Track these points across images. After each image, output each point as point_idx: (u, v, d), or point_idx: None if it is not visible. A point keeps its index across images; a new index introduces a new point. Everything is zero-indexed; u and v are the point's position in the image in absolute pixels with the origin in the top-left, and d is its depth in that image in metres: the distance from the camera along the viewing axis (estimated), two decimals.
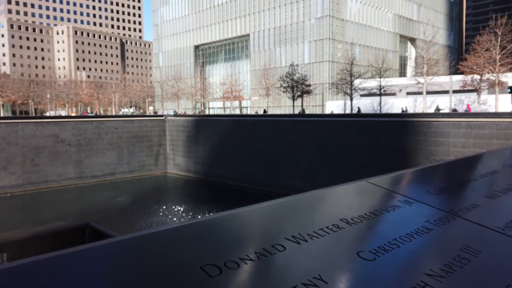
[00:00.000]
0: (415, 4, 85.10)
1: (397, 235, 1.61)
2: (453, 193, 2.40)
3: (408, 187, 2.45)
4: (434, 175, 2.80)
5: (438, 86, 42.37)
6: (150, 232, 1.33)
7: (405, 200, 2.02)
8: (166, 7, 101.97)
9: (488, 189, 2.48)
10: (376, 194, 2.14)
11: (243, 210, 1.63)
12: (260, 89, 68.36)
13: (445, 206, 2.05)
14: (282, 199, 1.90)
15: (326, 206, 1.99)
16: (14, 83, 73.44)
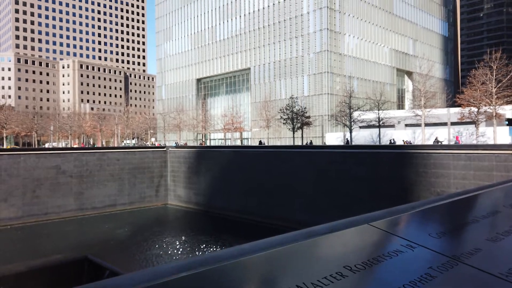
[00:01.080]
0: (410, 40, 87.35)
1: (401, 283, 1.59)
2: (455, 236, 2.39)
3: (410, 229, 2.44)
4: (435, 216, 2.80)
5: (436, 118, 42.75)
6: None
7: (408, 244, 2.01)
8: (169, 42, 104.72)
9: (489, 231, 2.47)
10: (379, 238, 2.13)
11: (243, 259, 1.62)
12: (261, 121, 68.96)
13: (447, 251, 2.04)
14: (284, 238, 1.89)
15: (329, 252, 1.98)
16: (18, 116, 74.33)
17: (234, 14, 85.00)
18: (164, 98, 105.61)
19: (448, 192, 26.44)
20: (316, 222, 9.04)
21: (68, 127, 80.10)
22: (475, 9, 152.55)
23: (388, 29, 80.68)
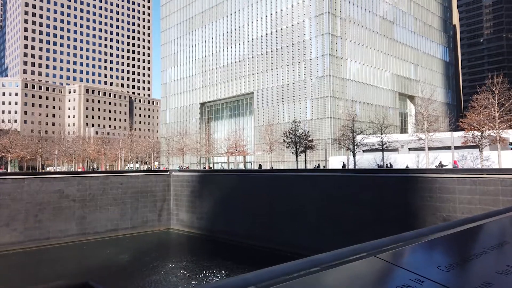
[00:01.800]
0: (412, 64, 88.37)
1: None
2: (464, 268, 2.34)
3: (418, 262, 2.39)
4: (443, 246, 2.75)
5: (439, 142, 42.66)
6: None
7: (416, 278, 1.97)
8: (174, 68, 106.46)
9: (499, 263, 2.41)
10: (386, 272, 2.09)
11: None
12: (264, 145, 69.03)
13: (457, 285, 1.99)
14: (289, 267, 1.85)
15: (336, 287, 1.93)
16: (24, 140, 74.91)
17: (238, 40, 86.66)
18: (168, 122, 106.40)
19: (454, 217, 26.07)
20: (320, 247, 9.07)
21: (72, 151, 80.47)
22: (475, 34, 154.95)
23: (389, 54, 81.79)
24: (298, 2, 73.80)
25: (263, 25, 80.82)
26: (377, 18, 79.43)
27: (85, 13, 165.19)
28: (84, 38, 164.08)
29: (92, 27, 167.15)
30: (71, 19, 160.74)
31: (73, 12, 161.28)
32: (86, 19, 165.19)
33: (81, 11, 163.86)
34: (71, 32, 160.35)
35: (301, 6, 73.29)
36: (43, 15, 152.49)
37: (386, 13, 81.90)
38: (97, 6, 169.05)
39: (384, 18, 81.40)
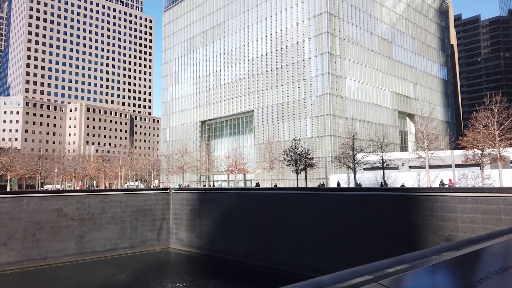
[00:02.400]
0: (410, 83, 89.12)
1: None
2: None
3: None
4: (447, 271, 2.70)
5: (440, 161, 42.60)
6: None
7: None
8: (175, 86, 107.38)
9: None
10: None
11: None
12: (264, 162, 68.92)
13: None
14: None
15: None
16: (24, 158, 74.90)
17: (239, 60, 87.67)
18: (169, 140, 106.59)
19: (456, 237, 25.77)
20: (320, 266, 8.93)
21: (72, 169, 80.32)
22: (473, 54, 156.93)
23: (388, 73, 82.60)
24: (297, 23, 74.99)
25: (263, 45, 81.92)
26: (375, 38, 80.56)
27: (88, 33, 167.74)
28: (86, 57, 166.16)
29: (95, 46, 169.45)
30: (74, 38, 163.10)
31: (75, 32, 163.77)
32: (88, 39, 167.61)
33: (83, 31, 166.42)
34: (74, 51, 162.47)
35: (300, 26, 74.44)
36: (46, 35, 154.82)
37: (384, 33, 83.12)
38: (99, 26, 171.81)
39: (383, 38, 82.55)
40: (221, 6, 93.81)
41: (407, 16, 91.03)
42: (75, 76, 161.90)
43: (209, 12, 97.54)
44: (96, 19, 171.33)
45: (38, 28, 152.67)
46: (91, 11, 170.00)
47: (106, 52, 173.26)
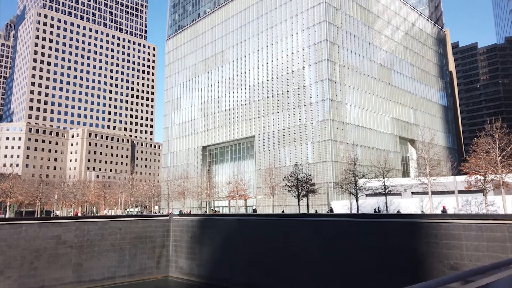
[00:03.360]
0: (411, 109, 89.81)
1: None
2: None
3: None
4: None
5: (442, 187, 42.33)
6: None
7: None
8: (177, 112, 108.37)
9: None
10: None
11: None
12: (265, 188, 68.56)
13: None
14: None
15: None
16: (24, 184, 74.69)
17: (240, 86, 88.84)
18: (170, 166, 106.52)
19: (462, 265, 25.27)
20: None
21: (72, 196, 79.92)
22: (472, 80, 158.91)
23: (388, 99, 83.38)
24: (297, 50, 76.43)
25: (264, 71, 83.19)
26: (375, 65, 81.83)
27: (91, 60, 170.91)
28: (89, 84, 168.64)
29: (98, 73, 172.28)
30: (78, 65, 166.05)
31: (79, 59, 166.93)
32: (92, 66, 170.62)
33: (87, 59, 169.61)
34: (77, 78, 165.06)
35: (300, 54, 75.82)
36: (50, 62, 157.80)
37: (383, 60, 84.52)
38: (103, 54, 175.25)
39: (382, 65, 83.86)
40: (223, 34, 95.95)
41: (405, 43, 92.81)
42: (78, 102, 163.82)
43: (212, 40, 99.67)
44: (100, 47, 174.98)
45: (43, 55, 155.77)
46: (95, 39, 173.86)
47: (109, 79, 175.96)
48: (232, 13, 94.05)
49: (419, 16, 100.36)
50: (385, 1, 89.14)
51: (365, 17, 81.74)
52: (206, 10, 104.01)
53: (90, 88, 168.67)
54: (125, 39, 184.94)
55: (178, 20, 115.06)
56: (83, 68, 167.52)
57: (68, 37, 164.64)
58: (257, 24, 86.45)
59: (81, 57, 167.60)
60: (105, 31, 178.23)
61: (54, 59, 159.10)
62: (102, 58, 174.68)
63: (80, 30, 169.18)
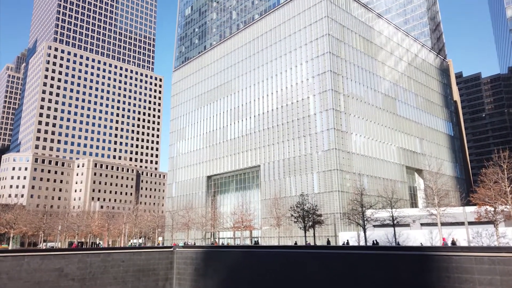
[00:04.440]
0: (416, 138, 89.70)
1: None
2: None
3: None
4: None
5: (452, 218, 41.53)
6: None
7: None
8: (182, 142, 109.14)
9: None
10: None
11: None
12: (271, 219, 67.74)
13: None
14: None
15: None
16: (28, 215, 74.45)
17: (245, 116, 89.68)
18: (174, 196, 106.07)
19: None
20: None
21: (76, 227, 79.35)
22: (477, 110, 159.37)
23: (393, 128, 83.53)
24: (302, 81, 77.53)
25: (269, 101, 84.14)
26: (379, 95, 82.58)
27: (99, 91, 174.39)
28: (96, 114, 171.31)
29: (105, 104, 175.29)
30: (86, 96, 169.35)
31: (88, 90, 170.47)
32: (100, 97, 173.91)
33: (95, 90, 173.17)
34: (85, 109, 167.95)
35: (305, 84, 76.84)
36: (59, 93, 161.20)
37: (387, 90, 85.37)
38: (111, 85, 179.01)
39: (386, 95, 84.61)
40: (229, 65, 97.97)
41: (409, 74, 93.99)
42: (84, 132, 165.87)
43: (217, 71, 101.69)
44: (108, 78, 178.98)
45: (52, 87, 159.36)
46: (103, 71, 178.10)
47: (116, 109, 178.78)
48: (238, 45, 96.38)
49: (421, 47, 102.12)
50: (387, 33, 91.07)
51: (368, 49, 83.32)
52: (212, 43, 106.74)
53: (97, 118, 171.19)
54: (132, 70, 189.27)
55: (185, 52, 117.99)
56: (90, 99, 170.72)
57: (77, 69, 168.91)
58: (262, 56, 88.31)
59: (89, 88, 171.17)
60: (113, 63, 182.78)
61: (63, 90, 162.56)
62: (109, 89, 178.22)
63: (89, 62, 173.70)
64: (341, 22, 77.65)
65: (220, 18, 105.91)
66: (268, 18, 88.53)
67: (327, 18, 74.26)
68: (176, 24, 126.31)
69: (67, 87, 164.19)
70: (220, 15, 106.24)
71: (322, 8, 75.42)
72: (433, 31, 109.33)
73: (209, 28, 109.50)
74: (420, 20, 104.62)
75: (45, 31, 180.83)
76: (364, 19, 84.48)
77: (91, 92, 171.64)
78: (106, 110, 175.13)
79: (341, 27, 77.51)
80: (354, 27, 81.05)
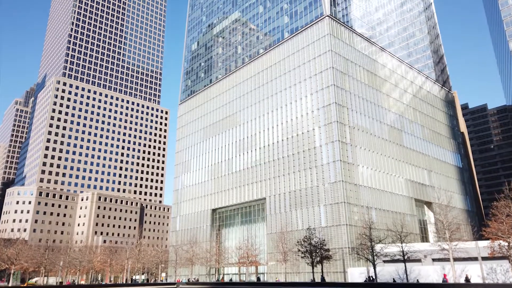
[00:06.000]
0: (425, 170, 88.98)
1: None
2: None
3: None
4: None
5: (465, 253, 40.39)
6: None
7: None
8: (187, 174, 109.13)
9: None
10: None
11: None
12: (277, 254, 66.39)
13: None
14: None
15: None
16: (30, 250, 73.60)
17: (251, 147, 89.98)
18: (178, 230, 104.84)
19: None
20: None
21: (77, 262, 78.16)
22: (485, 141, 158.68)
23: (401, 160, 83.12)
24: (307, 113, 78.23)
25: (274, 133, 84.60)
26: (385, 126, 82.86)
27: (106, 124, 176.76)
28: (102, 147, 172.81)
29: (111, 137, 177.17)
30: (92, 130, 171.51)
31: (94, 123, 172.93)
32: (106, 130, 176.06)
33: (102, 123, 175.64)
34: (91, 142, 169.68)
35: (310, 116, 77.46)
36: (66, 127, 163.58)
37: (393, 121, 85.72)
38: (117, 118, 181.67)
39: (392, 126, 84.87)
40: (234, 98, 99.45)
41: (414, 105, 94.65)
42: (90, 165, 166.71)
43: (223, 103, 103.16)
44: (114, 112, 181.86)
45: (59, 120, 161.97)
46: (110, 105, 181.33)
47: (122, 142, 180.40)
48: (243, 79, 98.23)
49: (425, 79, 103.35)
50: (391, 65, 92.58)
51: (373, 81, 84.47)
52: (217, 76, 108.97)
53: (103, 151, 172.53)
54: (139, 103, 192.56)
55: (191, 85, 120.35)
56: (96, 132, 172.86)
57: (84, 102, 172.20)
58: (267, 88, 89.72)
59: (95, 121, 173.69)
60: (120, 97, 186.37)
61: (70, 124, 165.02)
62: (115, 122, 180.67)
63: (96, 96, 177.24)
64: (344, 56, 79.24)
65: (225, 53, 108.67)
66: (272, 52, 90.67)
67: (331, 52, 75.88)
68: (183, 59, 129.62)
69: (74, 121, 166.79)
70: (225, 49, 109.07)
71: (325, 43, 77.24)
72: (436, 63, 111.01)
73: (215, 62, 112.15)
74: (424, 53, 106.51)
75: (54, 66, 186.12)
76: (367, 52, 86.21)
77: (97, 125, 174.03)
78: (112, 143, 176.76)
79: (345, 60, 79.04)
80: (358, 60, 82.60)
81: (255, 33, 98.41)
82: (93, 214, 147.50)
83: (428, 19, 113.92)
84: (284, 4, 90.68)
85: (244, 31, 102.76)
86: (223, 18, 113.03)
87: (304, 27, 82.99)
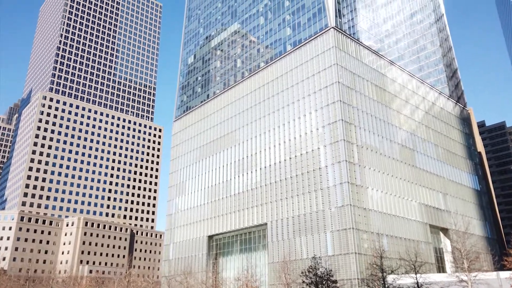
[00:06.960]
0: (440, 193, 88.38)
1: None
2: None
3: None
4: None
5: (485, 285, 39.65)
6: None
7: None
8: (182, 197, 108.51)
9: None
10: None
11: None
12: (280, 285, 65.24)
13: None
14: None
15: None
16: (9, 282, 72.45)
17: (250, 168, 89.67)
18: (171, 258, 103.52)
19: None
20: None
21: None
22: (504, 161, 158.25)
23: (413, 182, 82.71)
24: (311, 130, 78.29)
25: (276, 153, 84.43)
26: (395, 145, 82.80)
27: (94, 143, 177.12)
28: (90, 168, 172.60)
29: (100, 156, 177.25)
30: (79, 149, 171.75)
31: (82, 142, 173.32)
32: (94, 149, 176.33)
33: (90, 141, 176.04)
34: (78, 162, 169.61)
35: (315, 134, 77.47)
36: (51, 145, 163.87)
37: (404, 140, 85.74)
38: (107, 136, 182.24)
39: (403, 145, 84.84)
40: (233, 114, 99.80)
41: (427, 123, 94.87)
42: (76, 187, 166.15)
43: (221, 120, 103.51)
44: (104, 129, 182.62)
45: (44, 138, 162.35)
46: (99, 122, 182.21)
47: (112, 162, 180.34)
48: (243, 94, 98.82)
49: (438, 95, 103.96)
50: (401, 80, 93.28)
51: (382, 97, 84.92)
52: (215, 91, 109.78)
53: (91, 172, 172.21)
54: (130, 120, 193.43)
55: (187, 101, 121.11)
56: (84, 151, 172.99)
57: (72, 119, 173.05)
58: (268, 104, 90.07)
59: (83, 139, 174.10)
60: (110, 113, 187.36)
61: (56, 143, 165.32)
62: (105, 141, 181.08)
63: (84, 113, 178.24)
64: (351, 70, 79.88)
65: (224, 66, 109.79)
66: (274, 66, 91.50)
67: (337, 65, 76.51)
68: (178, 73, 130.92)
69: (60, 139, 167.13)
70: (224, 63, 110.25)
71: (331, 56, 77.98)
72: (450, 78, 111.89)
73: (213, 77, 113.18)
74: (436, 67, 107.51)
75: (41, 81, 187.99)
76: (375, 66, 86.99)
77: (85, 144, 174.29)
78: (101, 163, 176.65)
79: (352, 74, 79.64)
80: (366, 74, 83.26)
81: (255, 46, 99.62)
82: (79, 241, 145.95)
83: (440, 31, 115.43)
84: (286, 15, 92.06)
85: (244, 44, 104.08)
86: (221, 30, 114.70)
87: (308, 40, 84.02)
